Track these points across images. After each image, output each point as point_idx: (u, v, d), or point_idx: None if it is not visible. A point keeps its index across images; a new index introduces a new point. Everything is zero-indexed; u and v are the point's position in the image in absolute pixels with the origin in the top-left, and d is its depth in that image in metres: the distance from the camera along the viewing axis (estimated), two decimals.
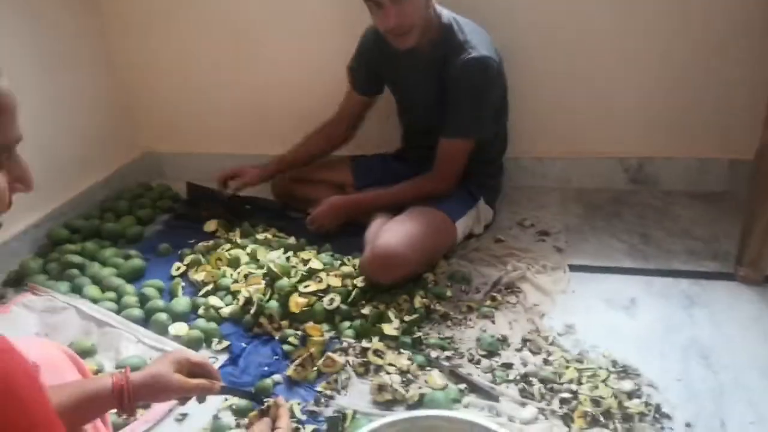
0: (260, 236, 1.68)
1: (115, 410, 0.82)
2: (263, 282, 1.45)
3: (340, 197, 1.71)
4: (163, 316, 1.37)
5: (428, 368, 1.22)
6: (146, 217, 1.90)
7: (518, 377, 1.18)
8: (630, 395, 1.11)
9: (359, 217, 1.67)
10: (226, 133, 2.19)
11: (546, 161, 1.99)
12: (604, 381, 1.14)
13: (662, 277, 1.49)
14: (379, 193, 1.67)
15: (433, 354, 1.26)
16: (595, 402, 1.09)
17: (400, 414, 1.05)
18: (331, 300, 1.38)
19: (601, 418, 1.06)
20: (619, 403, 1.09)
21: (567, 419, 1.07)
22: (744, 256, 1.45)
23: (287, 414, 0.90)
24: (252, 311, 1.38)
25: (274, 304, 1.38)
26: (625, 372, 1.17)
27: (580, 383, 1.14)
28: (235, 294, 1.45)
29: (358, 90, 1.74)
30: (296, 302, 1.37)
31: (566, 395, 1.12)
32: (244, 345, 1.33)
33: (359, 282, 1.44)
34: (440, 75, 1.52)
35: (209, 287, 1.49)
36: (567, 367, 1.19)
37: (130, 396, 0.81)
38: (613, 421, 1.06)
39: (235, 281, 1.50)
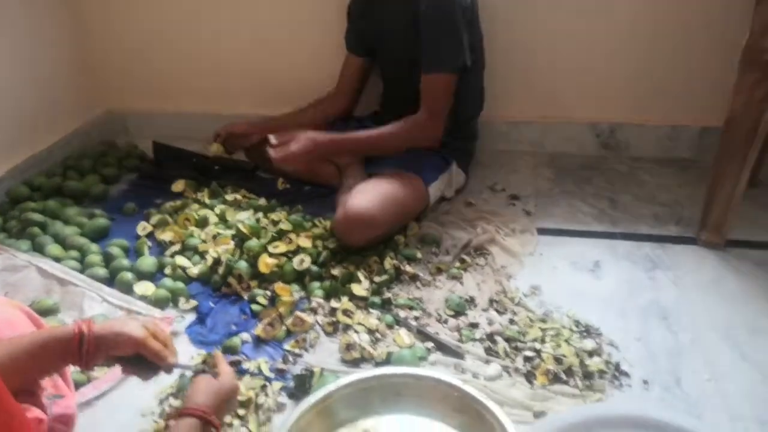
0: (229, 197, 1.66)
1: (74, 364, 0.81)
2: (232, 242, 1.43)
3: (319, 133, 1.56)
4: (128, 276, 1.34)
5: (396, 327, 1.24)
6: (111, 176, 1.85)
7: (484, 336, 1.20)
8: (591, 354, 1.14)
9: (335, 158, 1.65)
10: (195, 92, 2.12)
11: (519, 126, 1.99)
12: (566, 340, 1.17)
13: (627, 241, 1.52)
14: (360, 134, 1.57)
15: (402, 314, 1.27)
16: (558, 360, 1.11)
17: (367, 371, 1.07)
18: (301, 261, 1.37)
19: (563, 376, 1.09)
20: (581, 361, 1.12)
21: (530, 376, 1.10)
22: (707, 221, 1.48)
23: (223, 359, 0.91)
24: (220, 271, 1.37)
25: (243, 264, 1.37)
26: (587, 332, 1.20)
27: (543, 342, 1.17)
28: (203, 254, 1.43)
29: (351, 49, 1.77)
30: (266, 263, 1.36)
31: (530, 353, 1.14)
32: (212, 305, 1.32)
33: (330, 243, 1.44)
34: (414, 17, 1.51)
35: (176, 247, 1.47)
36: (531, 327, 1.21)
37: (89, 345, 0.80)
38: (574, 378, 1.09)
39: (203, 242, 1.48)
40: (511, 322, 1.24)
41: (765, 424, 1.00)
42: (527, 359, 1.14)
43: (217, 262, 1.38)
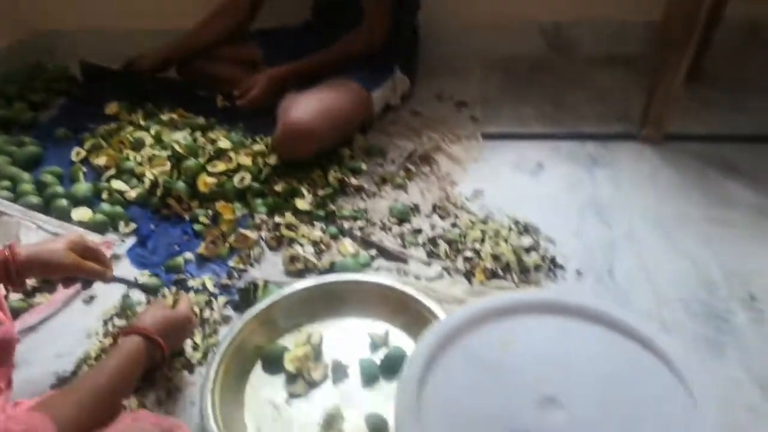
0: (165, 117, 1.60)
1: (6, 286, 0.81)
2: (169, 163, 1.39)
3: (278, 69, 1.58)
4: (63, 202, 1.30)
5: (341, 238, 1.24)
6: (40, 102, 1.75)
7: (426, 241, 1.22)
8: (528, 250, 1.17)
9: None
10: (122, 5, 1.98)
11: (468, 31, 1.93)
12: (505, 239, 1.19)
13: (570, 141, 1.54)
14: (312, 57, 1.57)
15: (346, 225, 1.28)
16: (496, 258, 1.14)
17: (311, 280, 1.09)
18: (242, 178, 1.35)
19: (500, 272, 1.12)
20: (518, 257, 1.15)
21: (469, 275, 1.13)
22: (646, 116, 1.50)
23: (186, 298, 0.93)
24: (158, 193, 1.34)
25: (181, 185, 1.34)
26: (525, 230, 1.23)
27: (483, 242, 1.19)
28: (140, 177, 1.39)
29: None
30: (205, 182, 1.33)
31: (469, 254, 1.17)
32: (152, 227, 1.30)
33: (271, 159, 1.41)
34: None
35: (112, 171, 1.42)
36: (472, 229, 1.23)
37: (17, 267, 0.80)
38: (512, 273, 1.12)
39: (140, 164, 1.43)
40: (453, 225, 1.26)
41: (689, 304, 1.06)
42: (467, 259, 1.16)
43: (154, 184, 1.35)
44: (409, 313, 1.01)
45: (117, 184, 1.37)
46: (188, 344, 1.02)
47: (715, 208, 1.28)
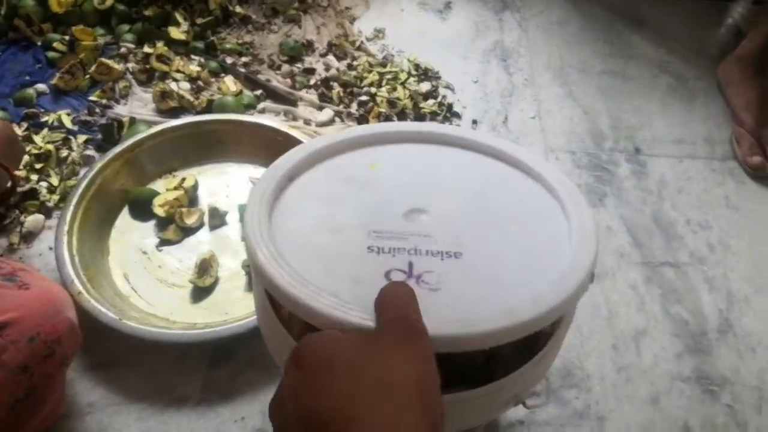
0: None
1: None
2: None
3: None
4: None
5: (222, 75, 1.11)
6: None
7: (319, 82, 1.12)
8: (426, 96, 1.11)
9: None
10: None
11: None
12: (403, 83, 1.12)
13: None
14: None
15: (229, 60, 1.14)
16: (391, 103, 1.07)
17: (185, 119, 0.98)
18: None
19: (395, 118, 1.06)
20: (415, 103, 1.09)
21: (362, 120, 1.06)
22: None
23: None
24: (2, 11, 1.12)
25: (30, 2, 1.12)
26: (425, 75, 1.16)
27: (380, 86, 1.11)
28: None
29: None
30: (59, 0, 1.12)
31: (364, 98, 1.09)
32: None
33: None
34: None
35: None
36: (370, 72, 1.14)
37: None
38: (406, 119, 1.06)
39: None
40: (350, 67, 1.16)
41: (574, 153, 1.06)
42: (362, 104, 1.09)
43: None
44: None
45: None
46: (43, 186, 0.91)
47: (617, 61, 1.25)
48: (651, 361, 0.81)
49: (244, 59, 1.15)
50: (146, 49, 1.11)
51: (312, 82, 1.13)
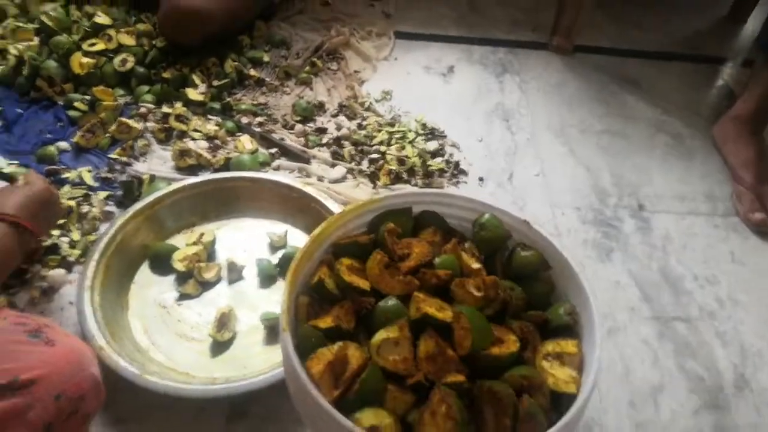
0: None
1: None
2: (36, 38, 1.20)
3: None
4: None
5: (238, 134, 1.15)
6: None
7: (331, 141, 1.16)
8: (434, 154, 1.15)
9: None
10: None
11: None
12: (411, 142, 1.16)
13: (482, 46, 1.50)
14: None
15: (244, 120, 1.18)
16: (401, 161, 1.11)
17: (202, 176, 1.00)
18: (123, 60, 1.19)
19: (404, 175, 1.10)
20: (423, 161, 1.13)
21: (373, 177, 1.10)
22: (558, 26, 1.48)
23: (33, 172, 0.81)
24: (25, 72, 1.16)
25: (52, 63, 1.17)
26: (432, 134, 1.20)
27: (389, 145, 1.16)
28: (2, 53, 1.20)
29: None
30: (80, 62, 1.17)
31: (375, 156, 1.13)
32: (19, 111, 1.14)
33: (159, 42, 1.26)
34: None
35: None
36: (379, 131, 1.19)
37: None
38: (415, 177, 1.10)
39: (2, 38, 1.23)
40: (360, 126, 1.21)
41: (579, 210, 1.10)
42: (372, 161, 1.12)
43: (20, 61, 1.17)
44: (310, 214, 0.97)
45: None
46: (65, 241, 0.93)
47: (615, 120, 1.31)
48: (669, 417, 0.81)
49: (259, 119, 1.19)
50: (165, 109, 1.16)
51: (324, 140, 1.17)
